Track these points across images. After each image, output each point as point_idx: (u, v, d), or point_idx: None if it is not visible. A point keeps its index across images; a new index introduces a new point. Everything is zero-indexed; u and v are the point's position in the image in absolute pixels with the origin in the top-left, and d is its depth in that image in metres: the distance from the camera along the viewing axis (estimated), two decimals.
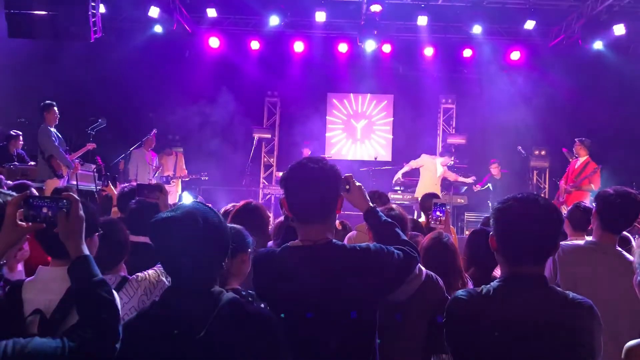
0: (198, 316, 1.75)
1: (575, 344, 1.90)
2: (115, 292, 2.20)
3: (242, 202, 3.61)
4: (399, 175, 10.86)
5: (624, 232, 3.69)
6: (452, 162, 10.61)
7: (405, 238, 2.35)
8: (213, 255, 1.87)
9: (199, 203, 1.93)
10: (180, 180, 11.32)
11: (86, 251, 1.86)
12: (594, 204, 3.32)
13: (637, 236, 4.78)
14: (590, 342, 1.92)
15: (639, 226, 4.08)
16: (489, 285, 2.06)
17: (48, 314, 1.91)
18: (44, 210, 1.86)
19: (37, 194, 3.47)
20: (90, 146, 8.93)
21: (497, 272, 3.38)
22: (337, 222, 4.91)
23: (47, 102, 8.31)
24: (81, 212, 1.88)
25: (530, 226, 2.00)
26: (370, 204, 2.45)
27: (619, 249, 3.13)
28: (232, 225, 2.69)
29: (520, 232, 2.01)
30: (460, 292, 2.10)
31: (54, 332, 1.81)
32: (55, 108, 8.28)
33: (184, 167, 11.64)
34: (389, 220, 2.41)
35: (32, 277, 2.13)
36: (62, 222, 1.85)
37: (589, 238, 3.54)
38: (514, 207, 2.04)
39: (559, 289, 2.04)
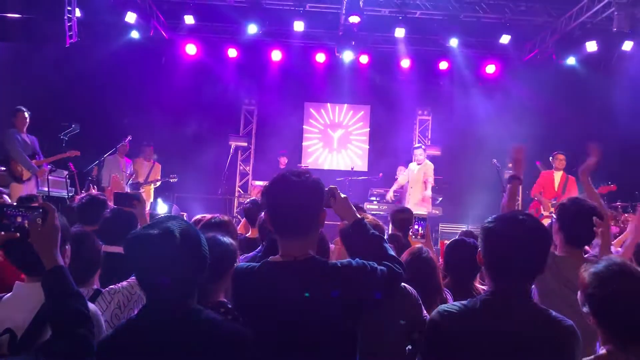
0: (174, 336, 1.71)
1: None
2: (97, 308, 2.16)
3: (207, 217, 3.52)
4: (390, 193, 10.93)
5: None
6: (422, 154, 10.40)
7: (393, 253, 2.31)
8: (191, 272, 1.83)
9: (176, 217, 1.88)
10: (151, 186, 11.13)
11: (61, 262, 1.81)
12: (552, 216, 3.31)
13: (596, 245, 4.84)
14: None
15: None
16: (475, 299, 2.08)
17: (21, 332, 1.85)
18: (18, 219, 1.81)
19: (9, 201, 3.38)
20: (72, 153, 8.75)
21: (477, 283, 3.41)
22: None
23: (17, 107, 8.16)
24: (57, 222, 1.83)
25: (516, 247, 2.01)
26: (358, 216, 2.41)
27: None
28: (218, 238, 2.63)
29: (506, 252, 2.03)
30: (445, 306, 2.12)
31: (26, 351, 1.75)
32: (25, 113, 8.13)
33: (159, 177, 11.52)
34: (377, 233, 2.36)
35: (9, 294, 2.08)
36: (36, 232, 1.80)
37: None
38: (500, 227, 2.07)
39: (542, 306, 2.07)
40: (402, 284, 2.89)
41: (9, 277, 3.01)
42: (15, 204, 1.91)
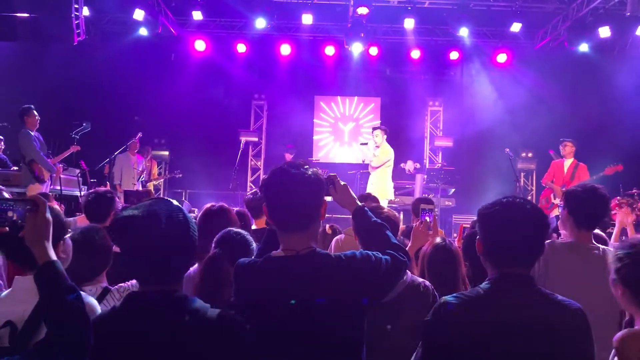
0: (159, 324, 1.68)
1: (568, 346, 1.91)
2: (95, 301, 2.13)
3: (204, 207, 3.48)
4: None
5: (600, 232, 3.76)
6: (379, 135, 9.50)
7: (396, 241, 2.25)
8: (176, 256, 1.79)
9: (164, 200, 1.85)
10: (153, 184, 11.28)
11: (54, 257, 1.76)
12: (560, 203, 3.35)
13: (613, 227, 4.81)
14: (585, 345, 1.93)
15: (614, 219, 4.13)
16: (476, 288, 2.05)
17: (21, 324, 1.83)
18: (9, 213, 1.76)
19: (7, 195, 3.36)
20: (74, 149, 8.78)
21: None
22: (327, 226, 4.84)
23: (25, 106, 8.16)
24: (48, 215, 1.78)
25: (516, 230, 1.99)
26: (359, 203, 2.36)
27: (597, 245, 3.15)
28: (237, 230, 2.60)
29: (507, 235, 2.00)
30: (447, 297, 2.07)
31: (26, 344, 1.73)
32: (35, 111, 8.13)
33: (156, 173, 11.64)
34: (379, 221, 2.31)
35: (9, 290, 2.06)
36: (28, 225, 1.76)
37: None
38: (499, 211, 2.04)
39: (547, 290, 2.04)
40: (420, 279, 2.84)
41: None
42: (5, 198, 1.87)
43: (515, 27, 11.50)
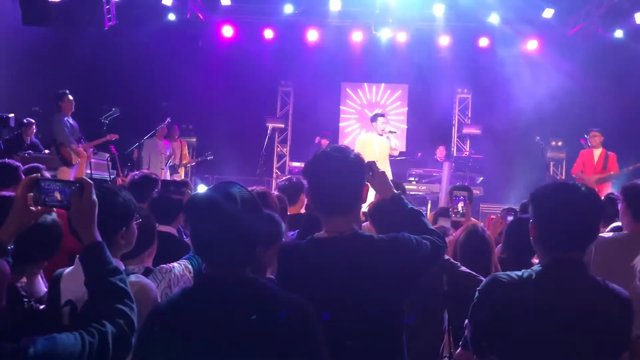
0: (231, 306, 1.69)
1: (611, 334, 1.90)
2: (151, 282, 2.16)
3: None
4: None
5: None
6: (384, 127, 9.30)
7: (432, 227, 2.29)
8: (249, 238, 1.80)
9: (236, 183, 1.85)
10: (184, 168, 11.41)
11: (99, 238, 1.78)
12: (615, 193, 3.31)
13: None
14: (626, 335, 1.93)
15: None
16: (529, 270, 2.03)
17: (81, 304, 1.86)
18: (56, 194, 1.78)
19: (49, 176, 3.42)
20: (111, 137, 8.87)
21: (536, 260, 3.33)
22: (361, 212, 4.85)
23: (60, 91, 8.27)
24: (94, 197, 1.79)
25: (572, 212, 1.97)
26: (395, 191, 2.38)
27: None
28: (267, 212, 2.61)
29: (562, 218, 1.98)
30: (499, 274, 2.08)
31: (84, 323, 1.75)
32: (69, 96, 8.25)
33: (187, 155, 11.72)
34: (415, 208, 2.34)
35: (72, 267, 2.12)
36: (74, 207, 1.77)
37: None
38: (555, 193, 2.02)
39: (599, 278, 2.01)
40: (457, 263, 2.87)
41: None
42: (52, 179, 1.89)
43: (548, 12, 11.27)
